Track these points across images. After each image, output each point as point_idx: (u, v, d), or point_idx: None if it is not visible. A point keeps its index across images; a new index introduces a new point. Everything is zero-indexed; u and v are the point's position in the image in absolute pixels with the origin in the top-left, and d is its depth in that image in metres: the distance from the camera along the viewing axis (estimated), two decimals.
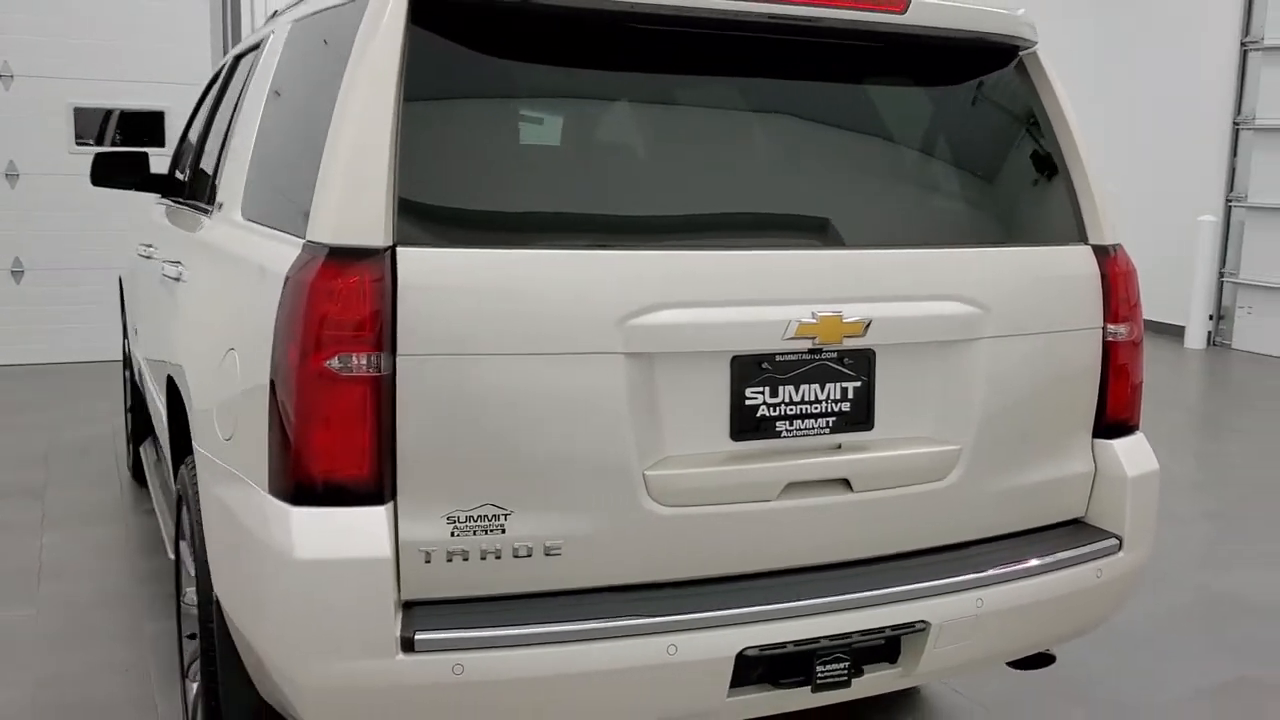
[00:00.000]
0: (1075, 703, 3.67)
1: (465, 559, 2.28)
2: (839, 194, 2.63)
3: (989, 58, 2.84)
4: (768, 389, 2.46)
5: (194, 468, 2.96)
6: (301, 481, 2.21)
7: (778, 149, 2.57)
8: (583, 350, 2.30)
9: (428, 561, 2.25)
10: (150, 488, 4.54)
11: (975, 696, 3.68)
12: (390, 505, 2.22)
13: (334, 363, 2.17)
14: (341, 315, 2.17)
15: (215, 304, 2.77)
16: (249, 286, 2.47)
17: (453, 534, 2.27)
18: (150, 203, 5.26)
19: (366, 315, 2.17)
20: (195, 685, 3.26)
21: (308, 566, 2.16)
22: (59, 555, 4.86)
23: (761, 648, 2.37)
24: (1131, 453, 2.90)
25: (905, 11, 2.58)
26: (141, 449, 5.22)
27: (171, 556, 3.72)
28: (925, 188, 2.73)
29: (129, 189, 4.98)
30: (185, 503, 3.03)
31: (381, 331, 2.18)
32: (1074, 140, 2.87)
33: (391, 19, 2.28)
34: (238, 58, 4.05)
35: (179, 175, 4.81)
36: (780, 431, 2.49)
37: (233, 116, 3.49)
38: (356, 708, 2.22)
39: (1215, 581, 4.82)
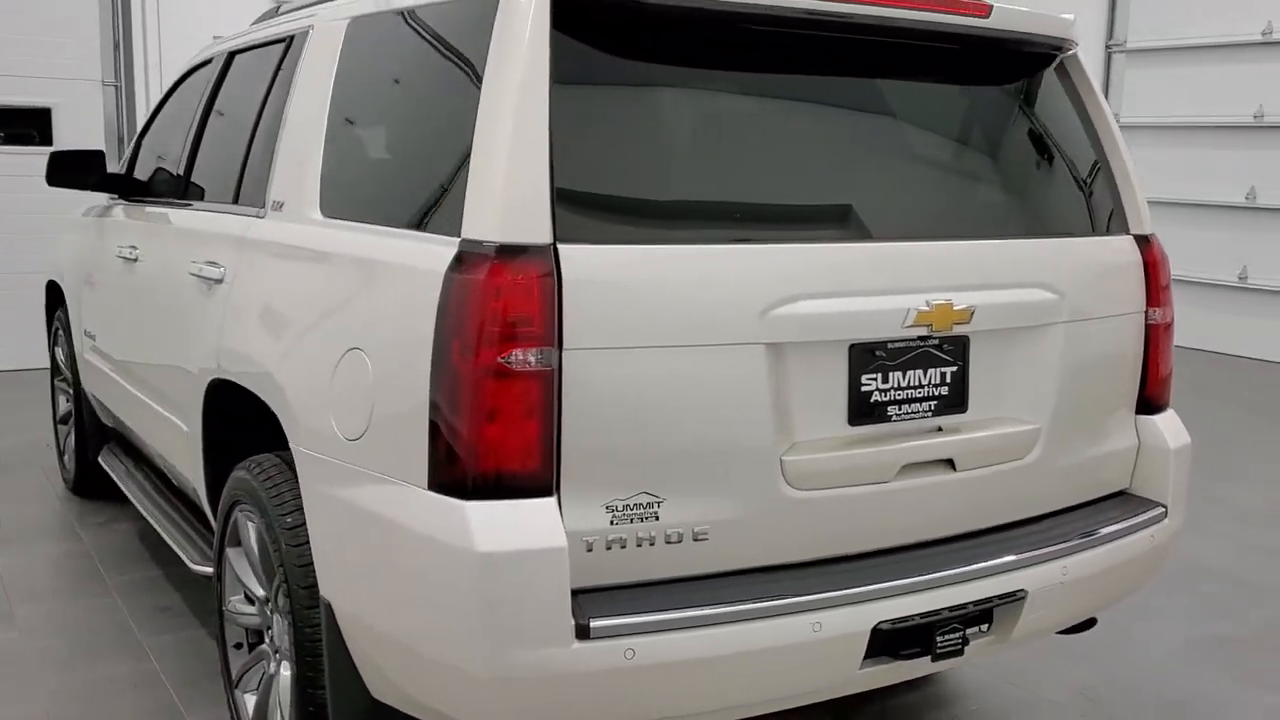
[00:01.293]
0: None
1: (623, 546, 2.34)
2: (939, 188, 2.78)
3: (1041, 59, 3.02)
4: (880, 375, 2.58)
5: (263, 471, 2.92)
6: (473, 476, 2.22)
7: (888, 146, 2.70)
8: (729, 341, 2.37)
9: (589, 550, 2.29)
10: (135, 500, 4.38)
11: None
12: (556, 497, 2.26)
13: (506, 359, 2.20)
14: (513, 312, 2.19)
15: (308, 304, 2.73)
16: (381, 286, 2.45)
17: (611, 522, 2.32)
18: (87, 203, 5.08)
19: (536, 311, 2.20)
20: (251, 695, 3.22)
21: (489, 559, 2.18)
22: (20, 576, 4.64)
23: (893, 621, 2.48)
24: (1170, 427, 3.13)
25: (989, 16, 2.73)
26: (101, 459, 5.02)
27: (197, 568, 3.64)
28: (1003, 181, 2.89)
29: (85, 189, 4.81)
30: (247, 508, 2.99)
31: (550, 327, 2.21)
32: (1113, 135, 3.08)
33: (537, 15, 2.31)
34: (232, 54, 3.96)
35: (139, 175, 4.67)
36: (891, 416, 2.61)
37: (260, 115, 3.42)
38: (530, 697, 2.25)
39: None
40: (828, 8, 2.49)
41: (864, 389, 2.57)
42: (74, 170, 4.73)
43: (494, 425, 2.21)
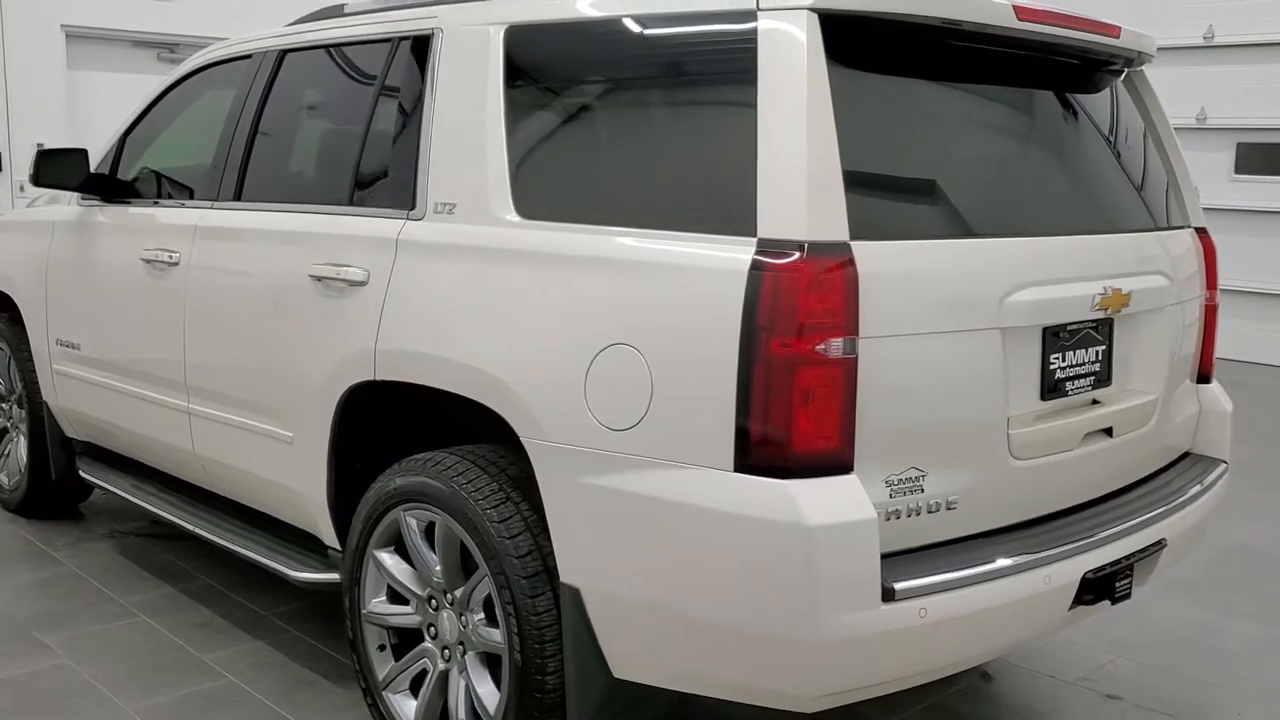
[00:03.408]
0: None
1: (897, 517, 2.57)
2: (1091, 186, 3.14)
3: (1121, 71, 3.42)
4: (1061, 355, 2.91)
5: (451, 469, 2.97)
6: (788, 458, 2.40)
7: (1060, 147, 3.05)
8: (977, 327, 2.65)
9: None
10: (175, 517, 4.18)
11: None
12: (855, 474, 2.46)
13: (819, 348, 2.39)
14: (825, 304, 2.39)
15: (532, 304, 2.79)
16: (655, 284, 2.57)
17: (890, 495, 2.55)
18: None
19: (842, 303, 2.40)
20: (404, 696, 3.25)
21: (818, 532, 2.36)
22: (20, 605, 4.38)
23: (1095, 570, 2.82)
24: (1220, 394, 3.61)
25: (1119, 36, 3.10)
26: (87, 474, 4.76)
27: (305, 576, 3.60)
28: (1121, 180, 3.27)
29: (70, 189, 4.58)
30: (418, 507, 3.05)
31: (852, 317, 2.42)
32: (1173, 138, 3.53)
33: (811, 29, 2.50)
34: (284, 52, 3.88)
35: (138, 175, 4.49)
36: (1068, 391, 2.95)
37: (371, 116, 3.42)
38: (842, 659, 2.45)
39: None
40: (1039, 29, 2.80)
41: (1051, 367, 2.89)
42: (64, 169, 4.49)
43: (807, 410, 2.40)
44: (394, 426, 3.40)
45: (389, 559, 3.24)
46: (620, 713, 2.87)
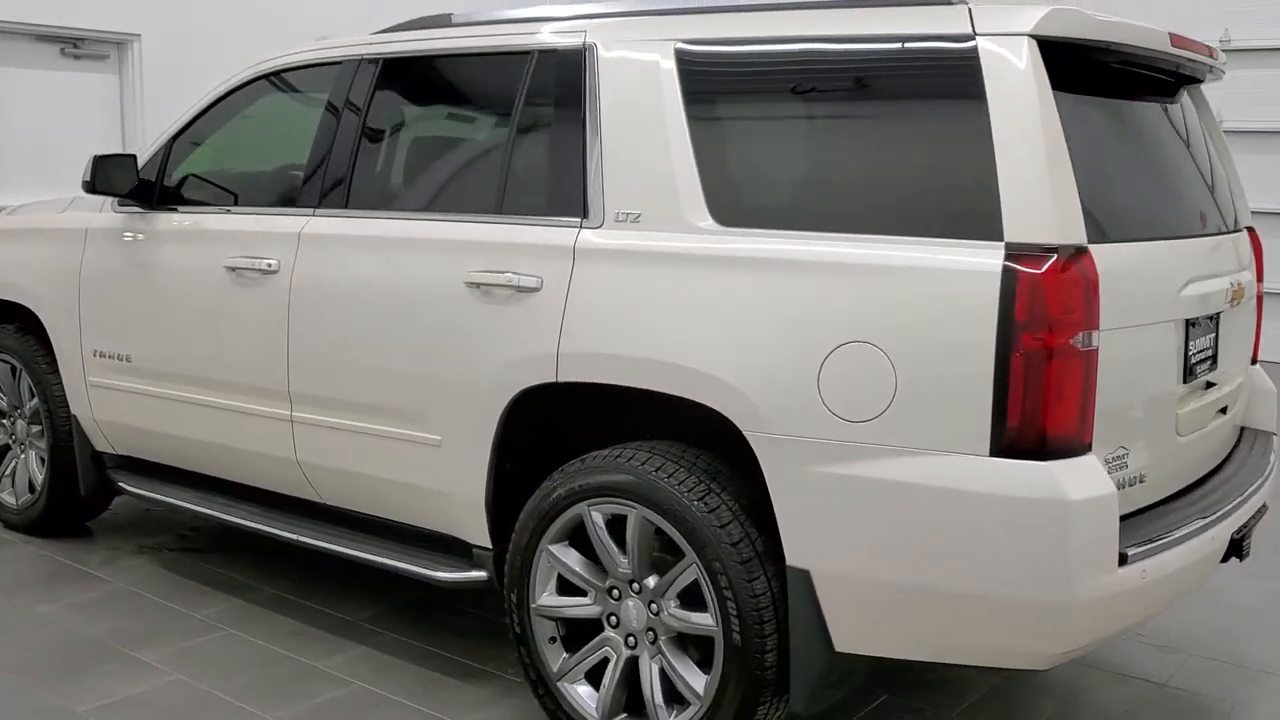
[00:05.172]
0: None
1: None
2: (1204, 189, 3.52)
3: (1199, 84, 3.83)
4: (1193, 343, 3.28)
5: (648, 463, 3.13)
6: (1043, 441, 2.68)
7: (1185, 158, 3.43)
8: (1164, 319, 3.03)
9: None
10: (282, 532, 4.13)
11: None
12: (1092, 454, 2.76)
13: (1074, 341, 2.67)
14: (1072, 302, 2.67)
15: (749, 306, 2.96)
16: (898, 284, 2.79)
17: (1108, 472, 2.85)
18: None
19: (1090, 300, 2.70)
20: (582, 685, 3.38)
21: (1076, 507, 2.65)
22: (90, 625, 4.26)
23: (1237, 531, 3.20)
24: (1264, 374, 4.08)
25: (1217, 58, 3.49)
26: (131, 487, 4.63)
27: (455, 576, 3.66)
28: (1213, 183, 3.67)
29: (115, 195, 4.46)
30: (606, 501, 3.21)
31: (1095, 312, 2.72)
32: (1224, 142, 3.97)
33: (1032, 51, 2.78)
34: (388, 61, 3.90)
35: (174, 184, 4.43)
36: (1197, 374, 3.32)
37: (515, 126, 3.52)
38: (1086, 619, 2.74)
39: None
40: (1178, 53, 3.17)
41: (1189, 353, 3.25)
42: (115, 176, 4.38)
43: (1059, 398, 2.68)
44: (549, 428, 3.52)
45: (565, 553, 3.36)
46: (833, 683, 3.10)
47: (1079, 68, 2.95)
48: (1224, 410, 3.45)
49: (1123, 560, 2.75)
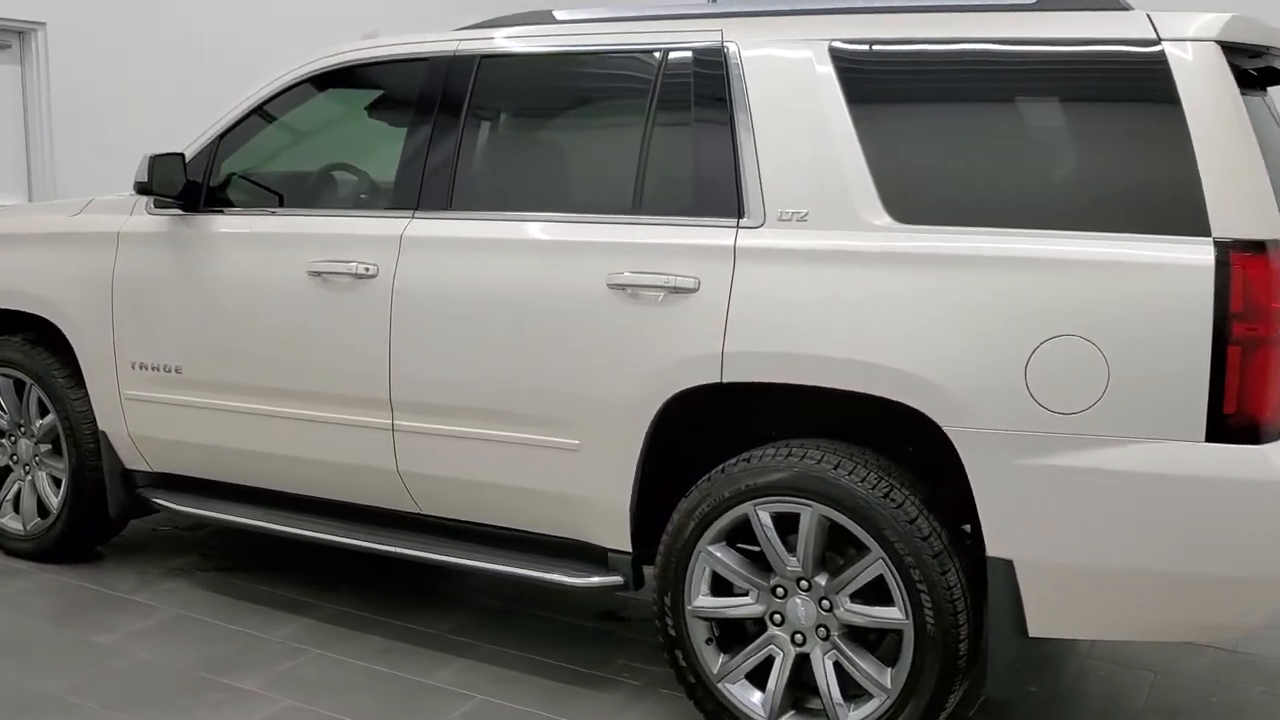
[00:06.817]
0: None
1: None
2: None
3: None
4: None
5: (827, 461, 3.17)
6: (1258, 426, 2.82)
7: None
8: None
9: None
10: (379, 548, 3.97)
11: None
12: None
13: None
14: None
15: (961, 301, 3.01)
16: (1108, 280, 2.88)
17: None
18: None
19: None
20: (744, 685, 3.39)
21: None
22: (170, 656, 4.02)
23: None
24: None
25: None
26: (177, 505, 4.36)
27: (593, 581, 3.62)
28: None
29: (170, 197, 4.21)
30: (777, 500, 3.23)
31: None
32: None
33: (1219, 55, 2.93)
34: (484, 57, 3.79)
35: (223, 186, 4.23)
36: None
37: (650, 125, 3.49)
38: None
39: None
40: None
41: None
42: (169, 176, 4.13)
43: (1270, 385, 2.83)
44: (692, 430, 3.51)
45: (725, 553, 3.36)
46: (1017, 668, 3.20)
47: (1239, 69, 3.12)
48: None
49: None
